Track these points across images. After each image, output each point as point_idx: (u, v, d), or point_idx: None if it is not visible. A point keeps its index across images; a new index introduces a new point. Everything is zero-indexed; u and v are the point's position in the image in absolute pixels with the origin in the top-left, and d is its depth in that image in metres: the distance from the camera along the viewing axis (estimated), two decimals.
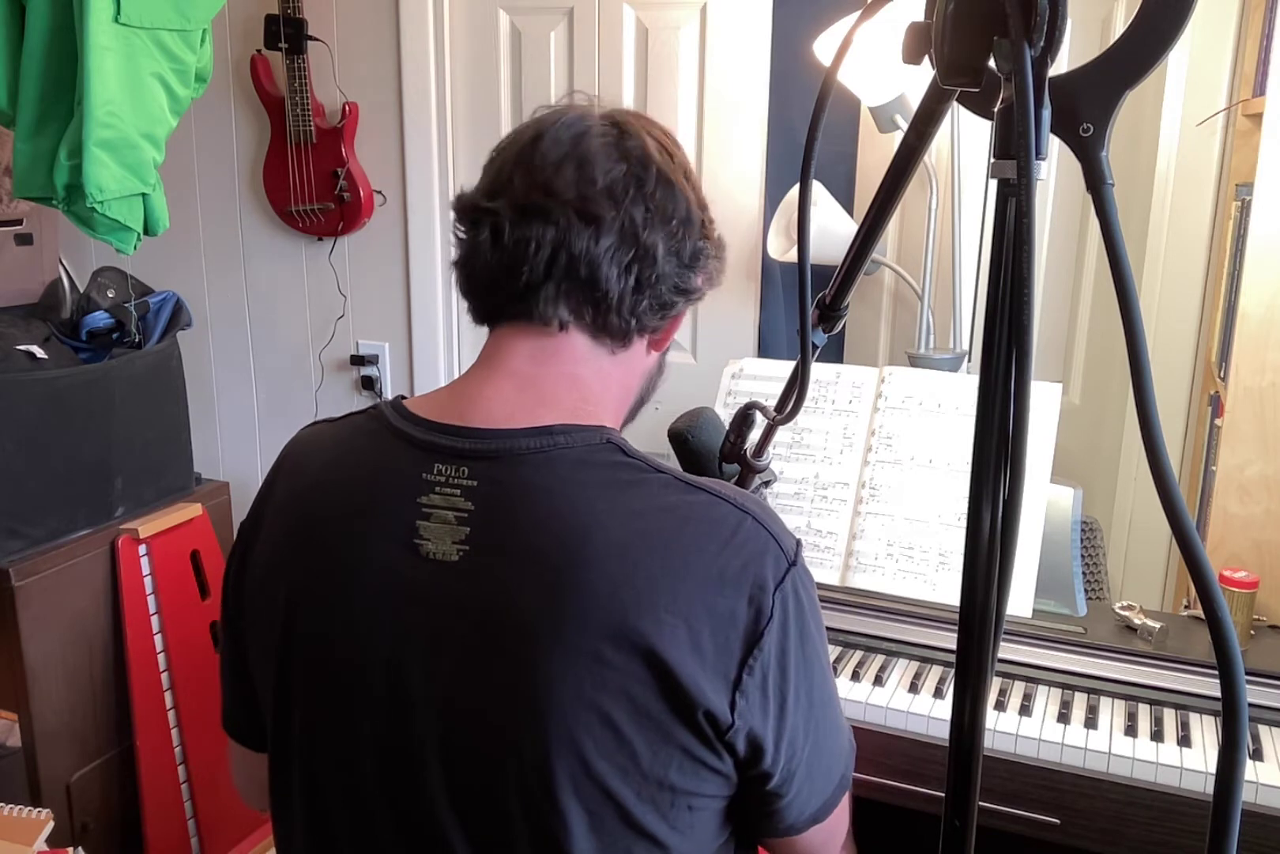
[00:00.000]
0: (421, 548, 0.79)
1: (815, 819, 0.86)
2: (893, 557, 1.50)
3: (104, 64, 1.63)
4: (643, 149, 0.84)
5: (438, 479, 0.79)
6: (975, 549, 0.60)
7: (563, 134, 0.83)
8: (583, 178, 0.81)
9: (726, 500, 0.79)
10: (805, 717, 0.81)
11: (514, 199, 0.83)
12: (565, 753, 0.75)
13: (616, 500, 0.77)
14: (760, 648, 0.76)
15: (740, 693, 0.76)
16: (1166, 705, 1.34)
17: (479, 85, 2.35)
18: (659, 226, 0.83)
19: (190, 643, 2.11)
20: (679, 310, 0.89)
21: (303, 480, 0.88)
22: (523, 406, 0.82)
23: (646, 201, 0.82)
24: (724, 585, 0.76)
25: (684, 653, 0.74)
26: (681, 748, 0.76)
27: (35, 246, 2.33)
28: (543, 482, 0.78)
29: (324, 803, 0.86)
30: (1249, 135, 1.71)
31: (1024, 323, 0.55)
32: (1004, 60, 0.55)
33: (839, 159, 2.09)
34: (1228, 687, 0.52)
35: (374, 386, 2.54)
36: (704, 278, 0.90)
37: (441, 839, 0.80)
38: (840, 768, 0.88)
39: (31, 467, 1.86)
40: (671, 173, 0.85)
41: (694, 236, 0.86)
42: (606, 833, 0.77)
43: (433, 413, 0.84)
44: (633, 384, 0.93)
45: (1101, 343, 2.03)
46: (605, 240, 0.81)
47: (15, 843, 1.49)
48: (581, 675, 0.74)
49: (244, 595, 0.92)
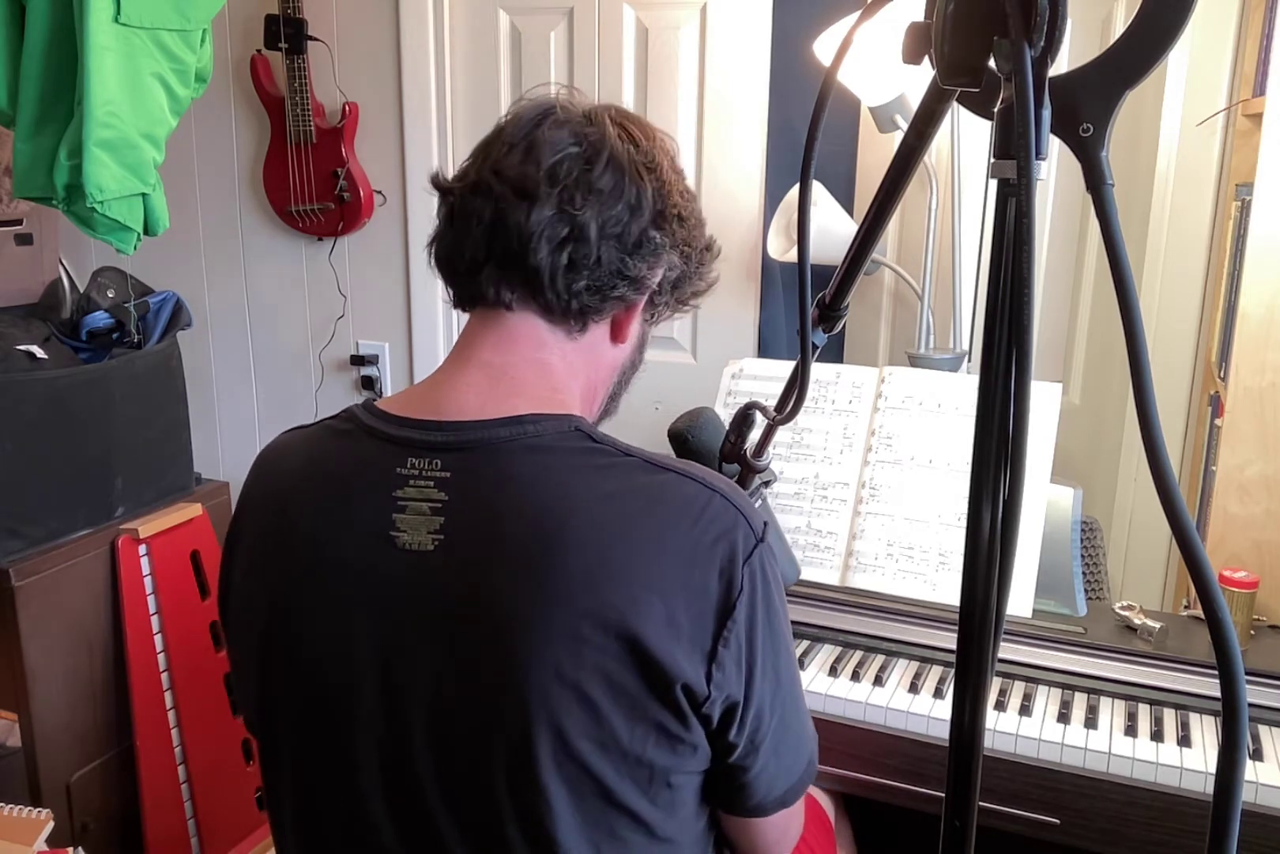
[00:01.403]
0: (397, 540, 0.80)
1: (782, 802, 0.88)
2: (893, 557, 1.50)
3: (104, 64, 1.63)
4: (600, 134, 0.86)
5: (411, 472, 0.81)
6: (975, 549, 0.60)
7: (526, 118, 0.87)
8: (529, 159, 0.84)
9: (694, 479, 0.81)
10: (772, 691, 0.82)
11: (467, 179, 0.87)
12: (546, 732, 0.76)
13: (589, 483, 0.79)
14: (734, 619, 0.78)
15: (716, 664, 0.77)
16: (1166, 705, 1.34)
17: (479, 85, 2.35)
18: (598, 209, 0.84)
19: (190, 643, 2.11)
20: (627, 299, 0.89)
21: (276, 485, 0.89)
22: (494, 397, 0.84)
23: (591, 184, 0.84)
24: (696, 560, 0.77)
25: (659, 628, 0.75)
26: (657, 724, 0.77)
27: (35, 246, 2.33)
28: (515, 470, 0.79)
29: (314, 794, 0.87)
30: (1249, 135, 1.71)
31: (1024, 323, 0.55)
32: (1004, 60, 0.55)
33: (839, 159, 2.09)
34: (1228, 687, 0.52)
35: (374, 387, 2.54)
36: (660, 270, 0.90)
37: (431, 824, 0.81)
38: (807, 752, 0.90)
39: (31, 467, 1.86)
40: (628, 160, 0.86)
41: (642, 223, 0.86)
42: (589, 811, 0.78)
43: (406, 409, 0.85)
44: (600, 376, 0.94)
45: (1101, 343, 2.03)
46: (537, 215, 0.83)
47: (15, 843, 1.49)
48: (560, 655, 0.75)
49: (229, 600, 0.94)
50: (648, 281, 0.90)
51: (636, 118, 0.91)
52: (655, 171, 0.88)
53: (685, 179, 0.93)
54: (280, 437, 0.95)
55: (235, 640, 0.93)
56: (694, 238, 0.92)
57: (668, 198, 0.88)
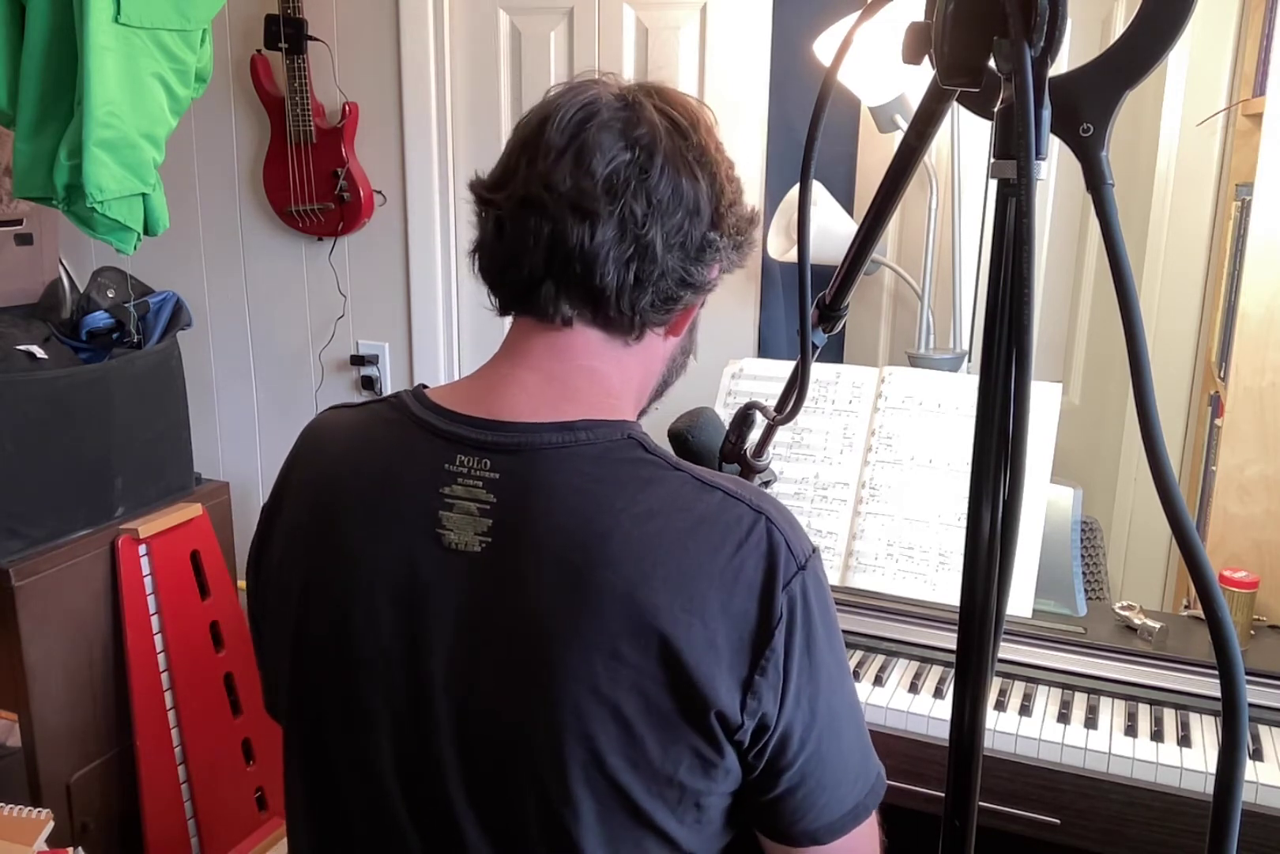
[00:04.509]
0: (444, 538, 0.79)
1: (814, 839, 0.83)
2: (893, 557, 1.50)
3: (104, 64, 1.63)
4: (651, 135, 0.81)
5: (460, 470, 0.80)
6: (975, 549, 0.60)
7: (568, 119, 0.81)
8: (580, 169, 0.79)
9: (742, 501, 0.79)
10: (805, 724, 0.79)
11: (514, 190, 0.82)
12: (578, 746, 0.75)
13: (635, 498, 0.77)
14: (772, 648, 0.76)
15: (752, 693, 0.76)
16: (1166, 705, 1.34)
17: (479, 85, 2.34)
18: (660, 221, 0.80)
19: (190, 643, 2.11)
20: (687, 303, 0.86)
21: (320, 467, 0.88)
22: (547, 401, 0.82)
23: (649, 194, 0.80)
24: (738, 585, 0.76)
25: (699, 653, 0.74)
26: (691, 748, 0.76)
27: (35, 246, 2.33)
28: (563, 478, 0.78)
29: (338, 792, 0.86)
30: (1249, 135, 1.71)
31: (1024, 323, 0.55)
32: (1004, 60, 0.55)
33: (839, 159, 2.08)
34: (1228, 687, 0.52)
35: (374, 386, 2.54)
36: (717, 267, 0.87)
37: (456, 827, 0.80)
38: (852, 793, 0.84)
39: (31, 467, 1.86)
40: (682, 159, 0.82)
41: (702, 227, 0.83)
42: (616, 825, 0.78)
43: (458, 404, 0.84)
44: (654, 369, 0.92)
45: (1101, 343, 2.03)
46: (601, 235, 0.79)
47: (15, 843, 1.49)
48: (597, 671, 0.74)
49: (261, 582, 0.92)
50: (710, 283, 0.87)
51: (673, 95, 0.86)
52: (707, 165, 0.84)
53: (724, 148, 0.88)
54: (326, 415, 0.92)
55: (269, 625, 0.92)
56: (743, 221, 0.88)
57: (721, 191, 0.84)
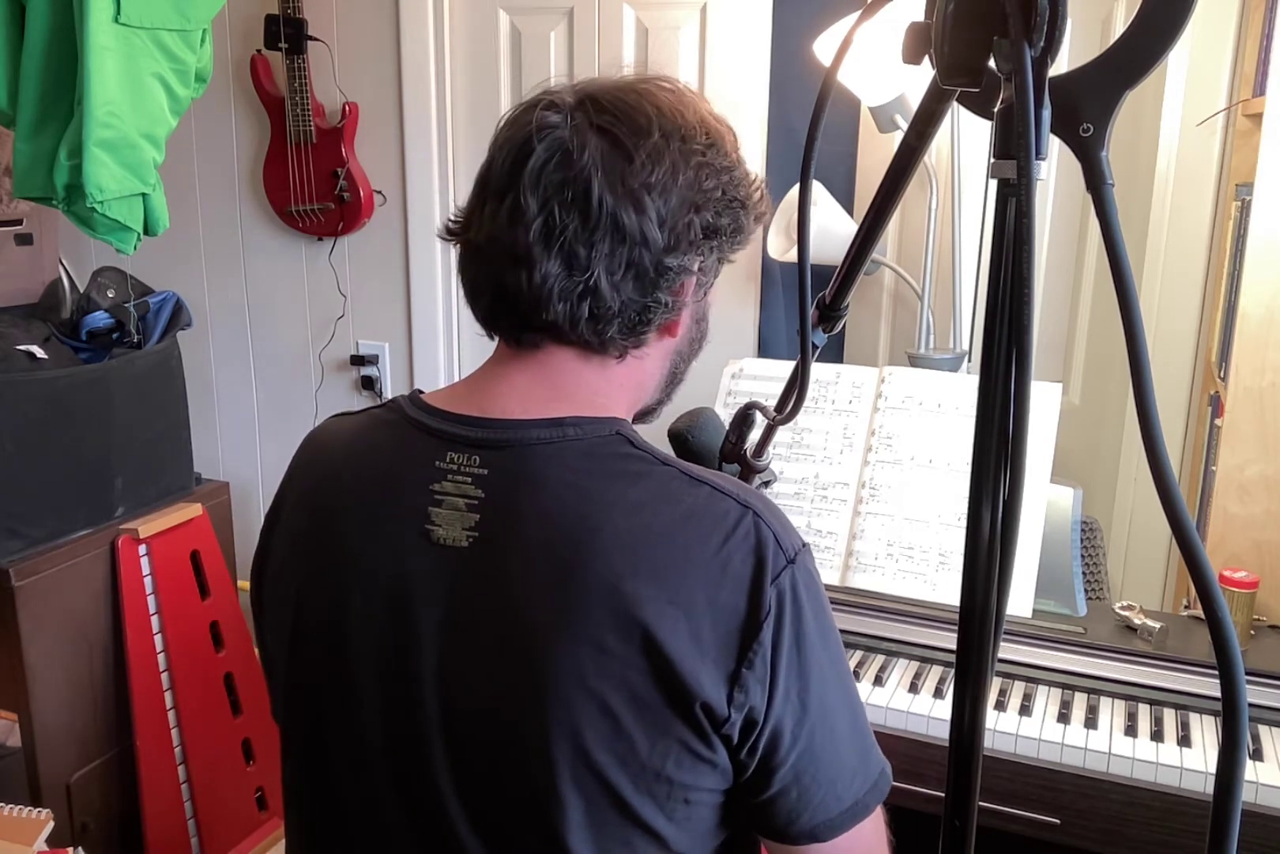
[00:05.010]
0: (432, 533, 0.80)
1: (812, 836, 0.82)
2: (893, 557, 1.50)
3: (104, 64, 1.63)
4: (587, 172, 0.78)
5: (450, 466, 0.81)
6: (975, 549, 0.60)
7: (504, 162, 0.81)
8: (515, 217, 0.79)
9: (729, 495, 0.80)
10: (795, 719, 0.79)
11: (470, 235, 0.84)
12: (565, 741, 0.75)
13: (623, 492, 0.78)
14: (759, 641, 0.76)
15: (739, 686, 0.76)
16: (1166, 705, 1.34)
17: (479, 85, 2.34)
18: (605, 259, 0.79)
19: (190, 643, 2.11)
20: (668, 317, 0.84)
21: (321, 473, 0.90)
22: (536, 399, 0.83)
23: (591, 234, 0.78)
24: (725, 578, 0.76)
25: (684, 645, 0.75)
26: (679, 741, 0.76)
27: (35, 246, 2.33)
28: (551, 473, 0.79)
29: (334, 792, 0.87)
30: (1249, 135, 1.71)
31: (1024, 323, 0.55)
32: (1004, 60, 0.55)
33: (839, 159, 2.08)
34: (1228, 687, 0.52)
35: (374, 386, 2.54)
36: (694, 280, 0.85)
37: (449, 827, 0.81)
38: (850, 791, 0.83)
39: (31, 467, 1.86)
40: (623, 189, 0.78)
41: (654, 254, 0.80)
42: (604, 822, 0.78)
43: (450, 404, 0.85)
44: (652, 371, 0.91)
45: (1101, 343, 2.03)
46: (539, 276, 0.79)
47: (15, 843, 1.49)
48: (584, 664, 0.75)
49: (264, 592, 0.94)
50: (683, 295, 0.85)
51: (621, 103, 0.81)
52: (657, 187, 0.80)
53: (704, 134, 0.85)
54: (328, 422, 0.95)
55: (272, 634, 0.93)
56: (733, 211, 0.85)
57: (679, 209, 0.81)
